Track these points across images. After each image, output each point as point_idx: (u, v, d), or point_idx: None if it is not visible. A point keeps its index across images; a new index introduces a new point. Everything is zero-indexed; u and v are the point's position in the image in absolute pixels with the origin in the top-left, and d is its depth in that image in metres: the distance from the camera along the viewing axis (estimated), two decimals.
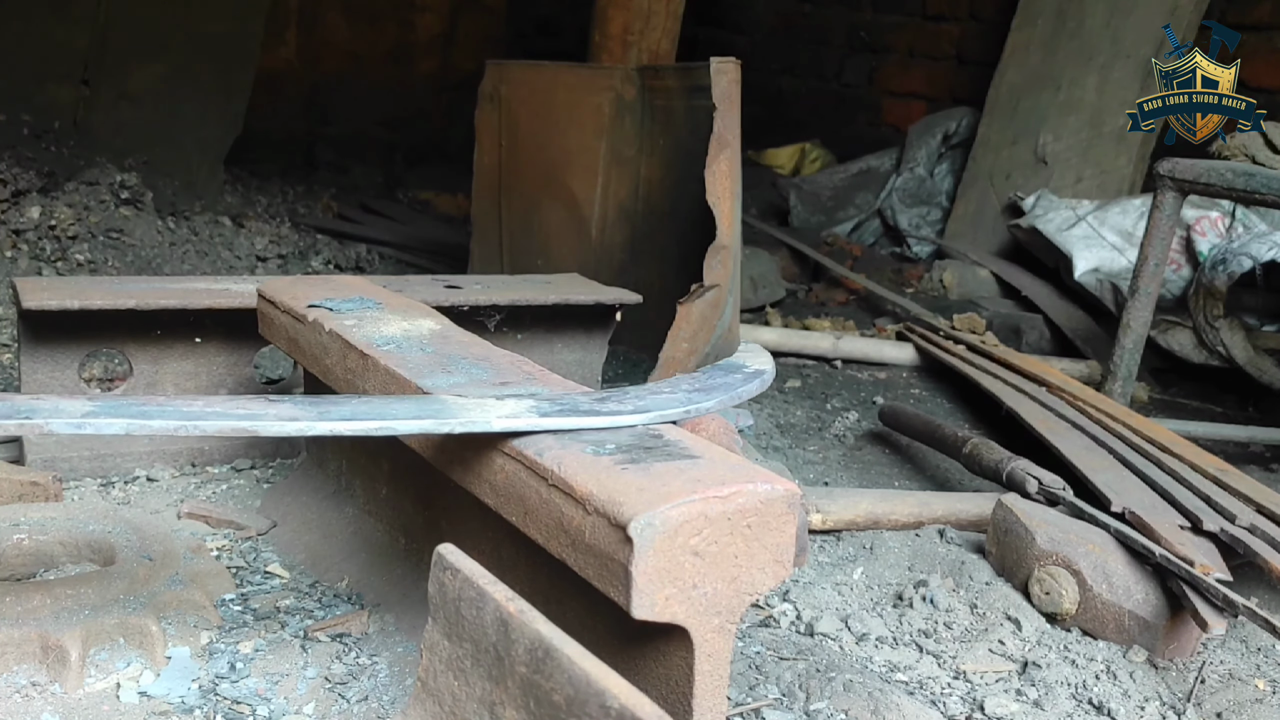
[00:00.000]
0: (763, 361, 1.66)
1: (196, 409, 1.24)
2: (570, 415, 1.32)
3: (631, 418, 1.33)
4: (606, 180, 3.43)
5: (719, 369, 1.60)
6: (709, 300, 2.84)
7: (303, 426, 1.24)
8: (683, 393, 1.43)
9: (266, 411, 1.25)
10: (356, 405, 1.32)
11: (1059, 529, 1.84)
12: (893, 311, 4.01)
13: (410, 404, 1.35)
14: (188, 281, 2.32)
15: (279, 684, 1.47)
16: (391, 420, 1.28)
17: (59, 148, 4.05)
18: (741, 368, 1.61)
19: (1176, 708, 1.61)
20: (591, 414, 1.32)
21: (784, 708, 1.51)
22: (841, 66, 5.89)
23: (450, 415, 1.30)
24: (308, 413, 1.26)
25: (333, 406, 1.30)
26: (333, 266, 4.13)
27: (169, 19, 4.34)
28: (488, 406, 1.34)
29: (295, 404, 1.29)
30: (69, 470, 2.11)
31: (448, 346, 1.67)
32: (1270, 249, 3.29)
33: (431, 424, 1.29)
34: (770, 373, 1.62)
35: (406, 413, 1.31)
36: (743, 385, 1.50)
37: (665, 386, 1.46)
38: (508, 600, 1.03)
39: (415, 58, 6.16)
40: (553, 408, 1.34)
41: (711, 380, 1.52)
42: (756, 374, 1.57)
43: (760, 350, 1.76)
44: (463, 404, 1.35)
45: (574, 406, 1.35)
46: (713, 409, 1.39)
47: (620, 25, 3.98)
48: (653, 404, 1.37)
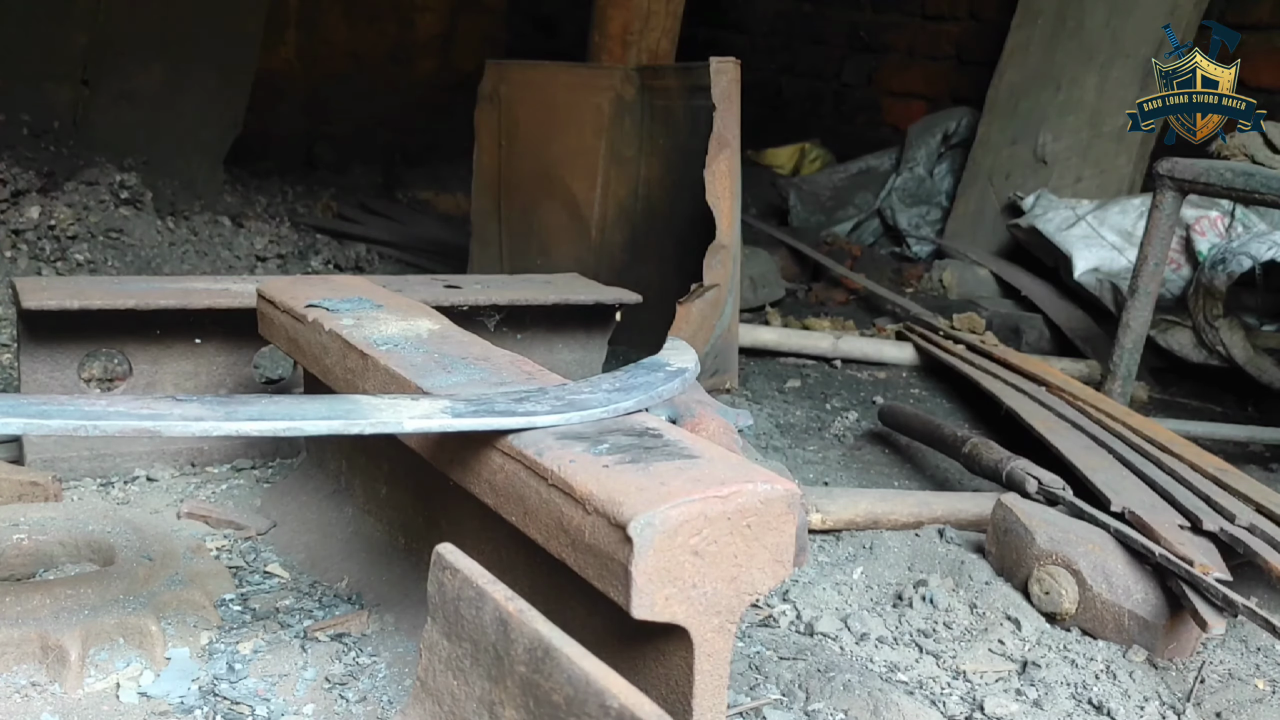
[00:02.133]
0: (685, 360, 1.65)
1: (99, 408, 1.22)
2: (485, 416, 1.31)
3: (547, 418, 1.32)
4: (606, 180, 3.43)
5: (641, 368, 1.59)
6: (709, 300, 2.84)
7: (207, 427, 1.22)
8: (602, 392, 1.42)
9: (171, 411, 1.23)
10: (265, 405, 1.30)
11: (1058, 529, 1.84)
12: (892, 311, 4.01)
13: (321, 404, 1.34)
14: (187, 281, 2.32)
15: (278, 684, 1.47)
16: (300, 420, 1.26)
17: (58, 148, 4.05)
18: (664, 366, 1.60)
19: (1176, 707, 1.61)
20: (507, 414, 1.32)
21: (784, 707, 1.51)
22: (841, 66, 5.89)
23: (361, 416, 1.29)
24: (214, 413, 1.24)
25: (241, 406, 1.28)
26: (332, 266, 4.13)
27: (169, 19, 4.34)
28: (401, 407, 1.33)
29: (202, 404, 1.27)
30: (68, 470, 2.11)
31: (447, 346, 1.67)
32: (1270, 248, 3.29)
33: (340, 424, 1.28)
34: (692, 371, 1.61)
35: (316, 413, 1.29)
36: (664, 384, 1.49)
37: (586, 386, 1.46)
38: (507, 600, 1.03)
39: (415, 58, 6.16)
40: (468, 409, 1.33)
41: (633, 379, 1.51)
42: (678, 372, 1.56)
43: (685, 348, 1.74)
44: (375, 404, 1.34)
45: (490, 407, 1.34)
46: (631, 409, 1.38)
47: (620, 25, 3.98)
48: (571, 404, 1.37)
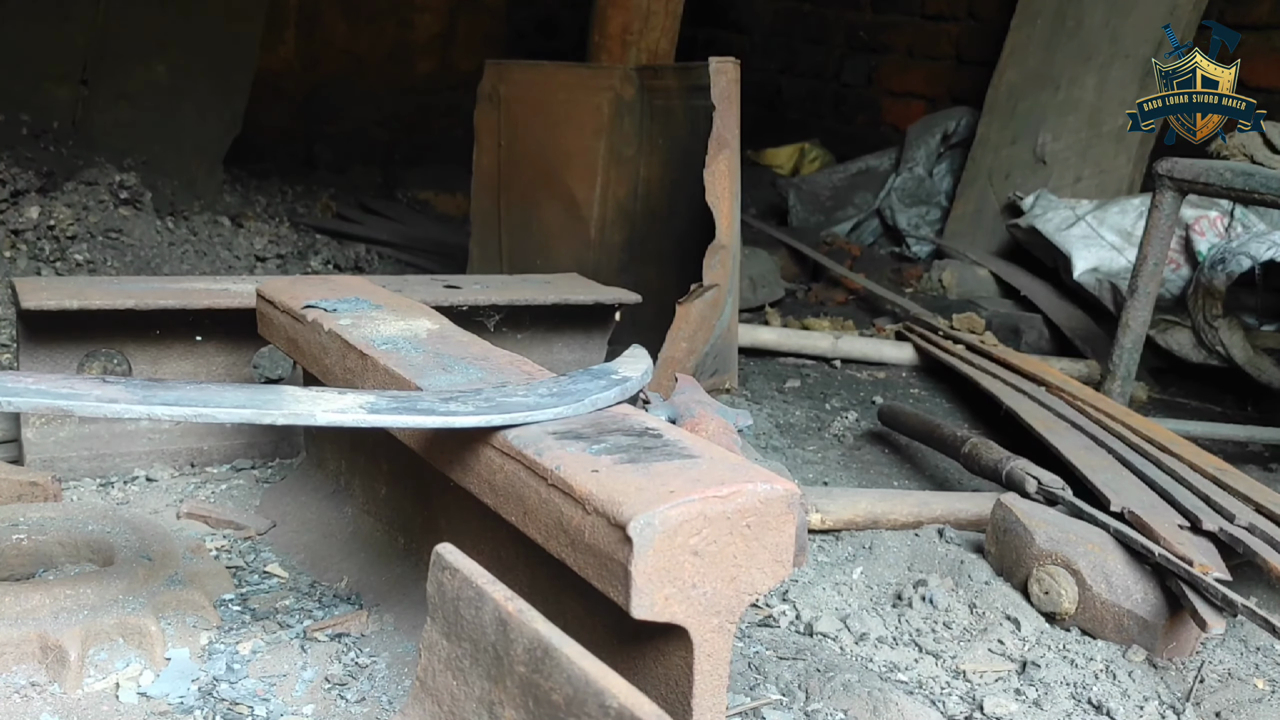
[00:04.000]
0: (635, 369, 1.61)
1: (21, 385, 1.22)
2: (402, 414, 1.30)
3: (469, 419, 1.30)
4: (606, 180, 3.43)
5: (586, 374, 1.56)
6: (708, 300, 2.84)
7: (120, 409, 1.21)
8: (535, 396, 1.41)
9: (90, 392, 1.23)
10: (185, 391, 1.30)
11: (1058, 528, 1.84)
12: (892, 311, 4.01)
13: (242, 393, 1.33)
14: (187, 281, 2.32)
15: (278, 684, 1.47)
16: (214, 408, 1.26)
17: (58, 148, 4.05)
18: (609, 373, 1.56)
19: (1175, 707, 1.61)
20: (428, 414, 1.31)
21: (783, 707, 1.51)
22: (841, 66, 5.89)
23: (275, 407, 1.28)
24: (131, 395, 1.24)
25: (160, 390, 1.28)
26: (332, 266, 4.13)
27: (168, 19, 4.34)
28: (320, 400, 1.32)
29: (125, 386, 1.27)
30: (68, 470, 2.11)
31: (446, 346, 1.67)
32: (1269, 248, 3.29)
33: (252, 413, 1.27)
34: (636, 381, 1.56)
35: (233, 401, 1.29)
36: (599, 393, 1.45)
37: (520, 390, 1.44)
38: (506, 600, 1.03)
39: (414, 58, 6.15)
40: (386, 405, 1.32)
41: (572, 385, 1.48)
42: (620, 381, 1.52)
43: (641, 356, 1.69)
44: (295, 395, 1.33)
45: (411, 405, 1.33)
46: (562, 414, 1.36)
47: (619, 25, 3.98)
48: (498, 407, 1.35)
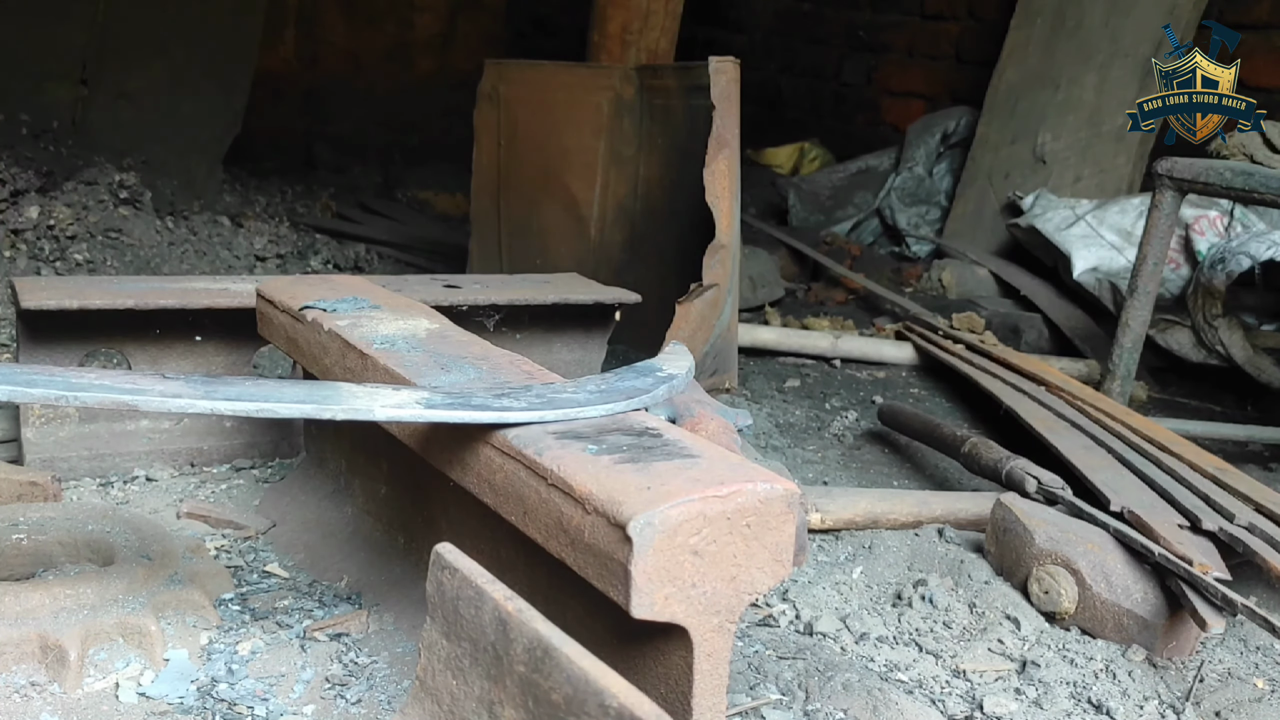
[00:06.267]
0: (679, 365, 1.63)
1: (84, 380, 1.24)
2: (458, 409, 1.32)
3: (523, 414, 1.32)
4: (605, 180, 3.43)
5: (633, 371, 1.57)
6: (708, 299, 2.84)
7: (184, 404, 1.24)
8: (585, 393, 1.42)
9: (153, 387, 1.25)
10: (246, 387, 1.32)
11: (1058, 528, 1.84)
12: (891, 311, 4.01)
13: (301, 388, 1.35)
14: (186, 281, 2.32)
15: (277, 684, 1.47)
16: (275, 403, 1.28)
17: (57, 147, 4.05)
18: (655, 370, 1.58)
19: (1175, 706, 1.61)
20: (482, 409, 1.32)
21: (783, 707, 1.51)
22: (840, 66, 5.89)
23: (335, 402, 1.31)
24: (194, 390, 1.26)
25: (222, 386, 1.30)
26: (331, 266, 4.13)
27: (168, 19, 4.34)
28: (377, 396, 1.34)
29: (187, 382, 1.29)
30: (68, 470, 2.11)
31: (446, 346, 1.67)
32: (1269, 248, 3.29)
33: (313, 408, 1.29)
34: (682, 378, 1.59)
35: (293, 396, 1.31)
36: (651, 390, 1.47)
37: (570, 386, 1.45)
38: (506, 599, 1.03)
39: (414, 57, 6.15)
40: (442, 401, 1.34)
41: (620, 382, 1.49)
42: (667, 378, 1.55)
43: (683, 353, 1.71)
44: (354, 391, 1.35)
45: (466, 401, 1.35)
46: (610, 412, 1.37)
47: (619, 25, 3.98)
48: (551, 402, 1.36)
